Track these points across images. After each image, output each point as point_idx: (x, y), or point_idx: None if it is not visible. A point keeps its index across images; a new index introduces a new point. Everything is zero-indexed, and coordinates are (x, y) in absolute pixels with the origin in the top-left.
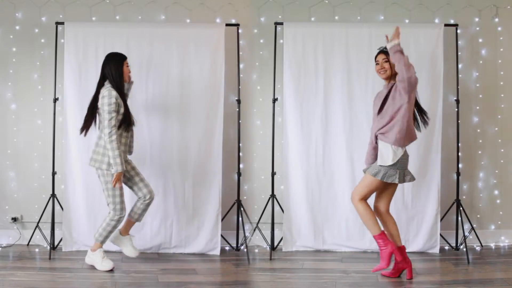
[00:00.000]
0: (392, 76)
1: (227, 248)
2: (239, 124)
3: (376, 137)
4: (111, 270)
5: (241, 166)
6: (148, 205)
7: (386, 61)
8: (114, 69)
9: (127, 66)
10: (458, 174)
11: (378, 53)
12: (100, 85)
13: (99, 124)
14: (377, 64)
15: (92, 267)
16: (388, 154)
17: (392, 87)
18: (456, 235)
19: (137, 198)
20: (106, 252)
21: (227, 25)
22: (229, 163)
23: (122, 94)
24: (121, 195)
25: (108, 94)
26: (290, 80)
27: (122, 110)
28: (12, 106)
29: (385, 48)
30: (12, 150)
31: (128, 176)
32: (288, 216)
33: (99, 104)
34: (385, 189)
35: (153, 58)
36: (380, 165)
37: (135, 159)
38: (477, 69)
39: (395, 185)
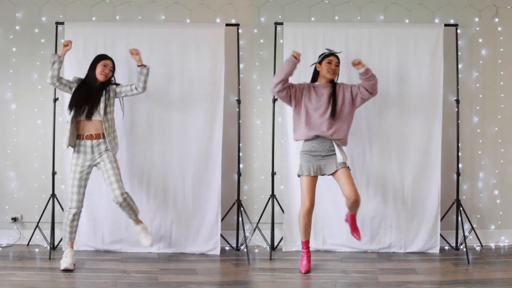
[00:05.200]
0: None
1: (227, 248)
2: (239, 124)
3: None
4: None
5: (241, 166)
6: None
7: (337, 65)
8: (89, 67)
9: (104, 66)
10: (458, 174)
11: (331, 55)
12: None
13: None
14: (329, 63)
15: (70, 269)
16: (343, 154)
17: (334, 89)
18: (456, 235)
19: None
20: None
21: (227, 25)
22: (229, 163)
23: (85, 86)
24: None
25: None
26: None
27: (71, 91)
28: (12, 106)
29: (336, 52)
30: (12, 150)
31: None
32: (288, 216)
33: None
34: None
35: (153, 58)
36: (344, 160)
37: (136, 159)
38: (477, 69)
39: None
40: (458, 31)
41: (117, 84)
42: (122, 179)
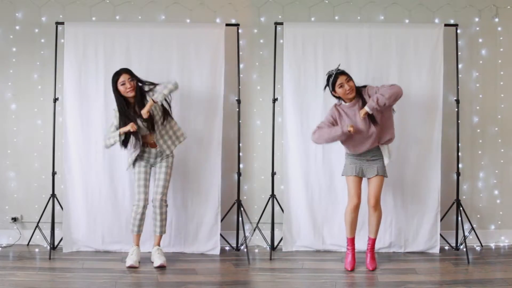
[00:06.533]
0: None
1: (227, 248)
2: (239, 124)
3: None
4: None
5: (241, 166)
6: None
7: (348, 81)
8: (113, 92)
9: (122, 84)
10: (458, 174)
11: (337, 75)
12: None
13: (163, 119)
14: (341, 87)
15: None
16: (389, 152)
17: (359, 103)
18: (456, 235)
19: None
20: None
21: (227, 25)
22: (229, 163)
23: (126, 114)
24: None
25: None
26: (290, 80)
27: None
28: (12, 106)
29: (338, 70)
30: (12, 150)
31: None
32: (288, 216)
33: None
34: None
35: (153, 58)
36: (385, 165)
37: None
38: (477, 69)
39: None
40: (458, 31)
41: (153, 86)
42: (169, 185)
